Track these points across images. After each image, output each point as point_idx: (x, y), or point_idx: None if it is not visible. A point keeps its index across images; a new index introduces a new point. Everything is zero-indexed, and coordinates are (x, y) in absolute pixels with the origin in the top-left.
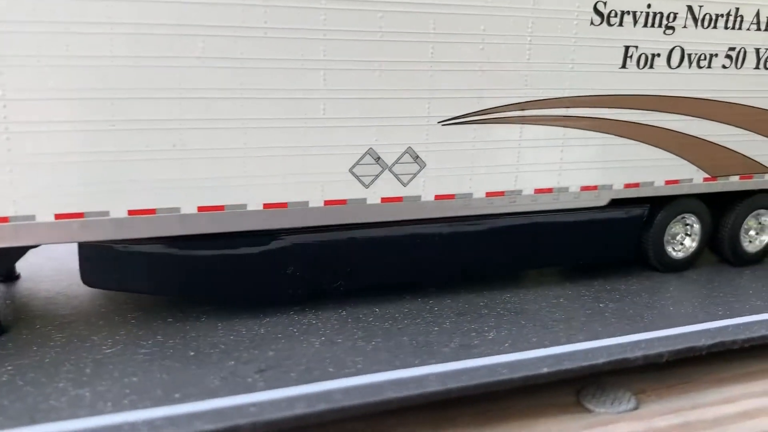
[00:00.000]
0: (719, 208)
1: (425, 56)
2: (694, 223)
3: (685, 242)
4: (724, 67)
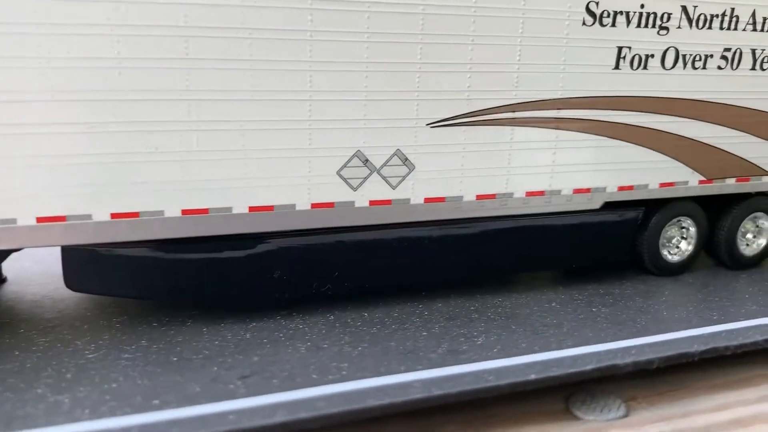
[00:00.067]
0: (716, 210)
1: (413, 57)
2: (690, 226)
3: (680, 245)
4: (719, 68)
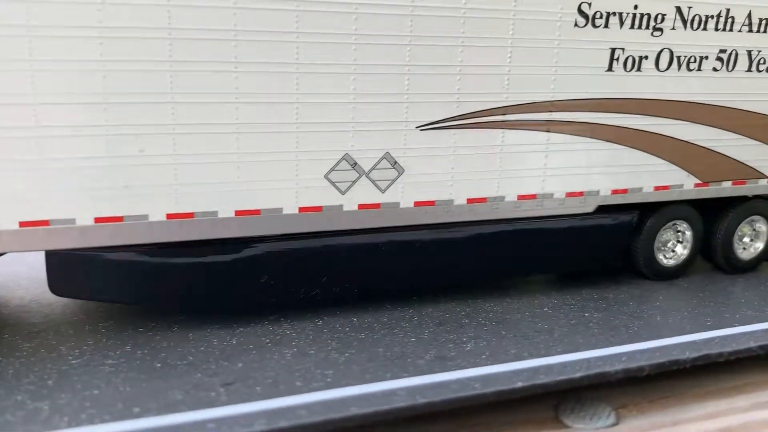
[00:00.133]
0: (712, 214)
1: (402, 59)
2: (685, 229)
3: (676, 249)
4: (714, 69)
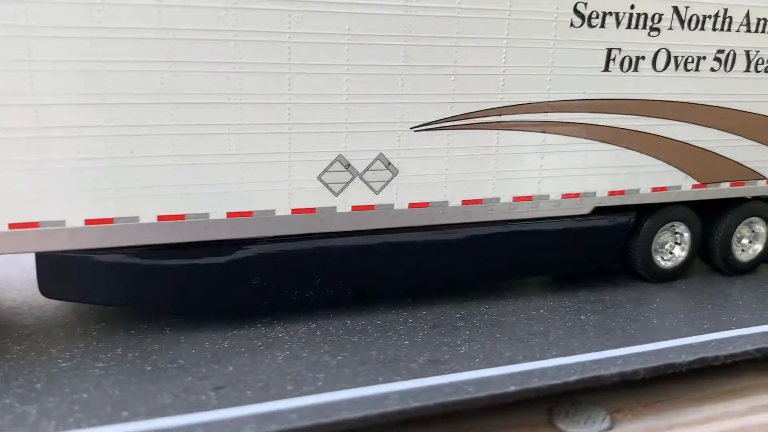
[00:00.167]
0: (710, 215)
1: (396, 59)
2: (683, 231)
3: (674, 251)
4: (712, 69)
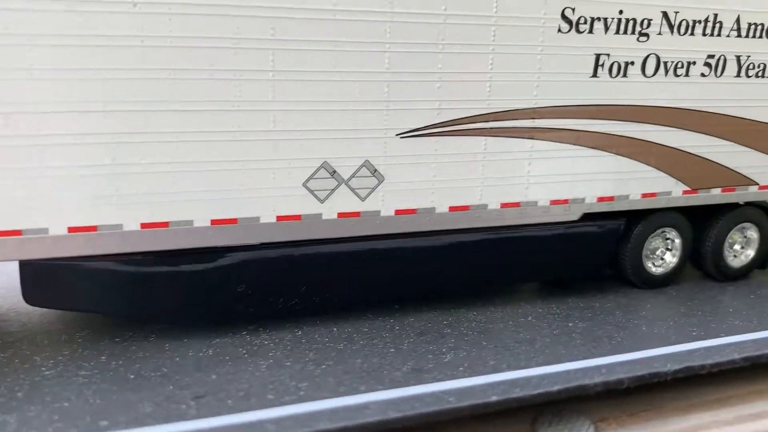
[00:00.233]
0: (702, 221)
1: (381, 66)
2: (674, 237)
3: (665, 257)
4: (702, 75)
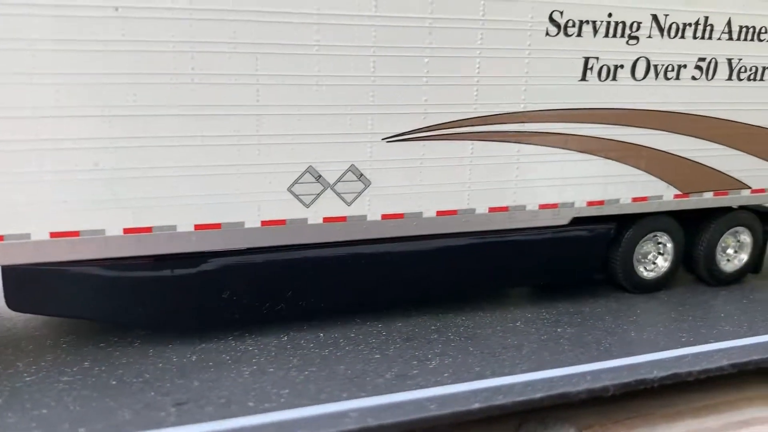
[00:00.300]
0: (694, 225)
1: (366, 70)
2: (666, 241)
3: (657, 262)
4: (693, 78)
